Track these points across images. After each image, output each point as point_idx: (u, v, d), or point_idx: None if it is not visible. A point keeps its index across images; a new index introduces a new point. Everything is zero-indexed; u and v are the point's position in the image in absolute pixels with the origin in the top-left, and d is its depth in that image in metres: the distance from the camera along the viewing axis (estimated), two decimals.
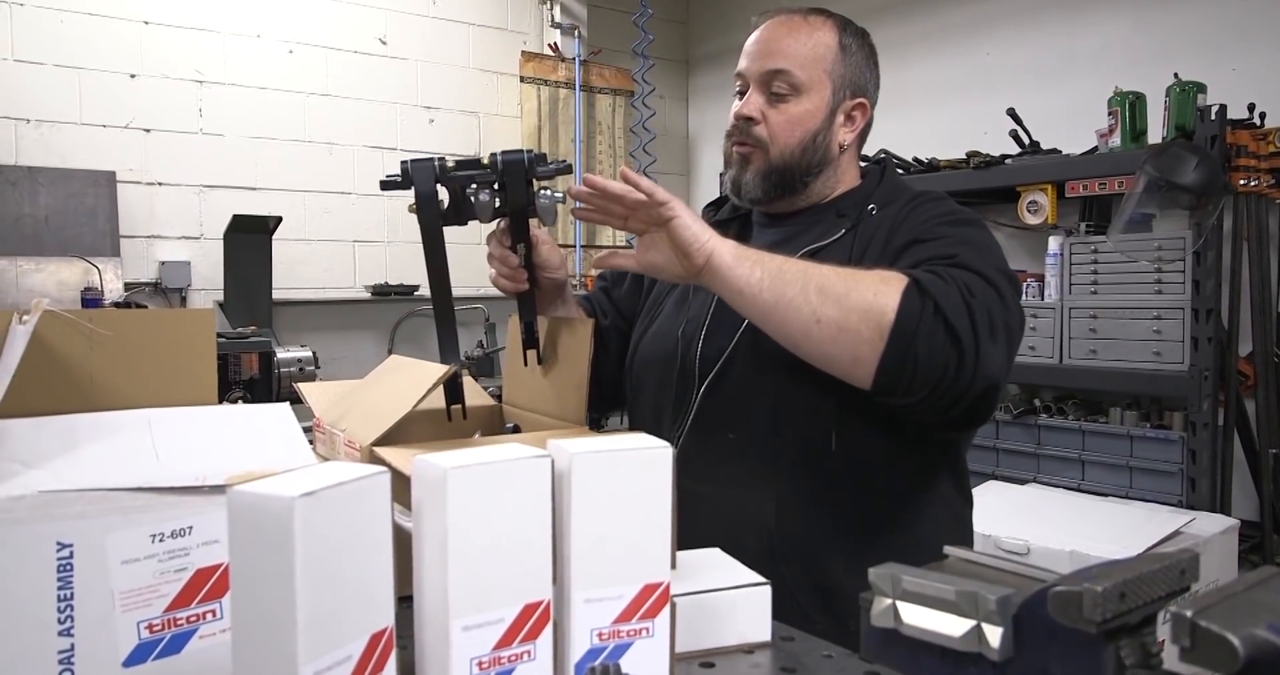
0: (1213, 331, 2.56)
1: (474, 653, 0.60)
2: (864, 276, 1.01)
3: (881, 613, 0.65)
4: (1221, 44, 2.96)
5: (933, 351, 0.97)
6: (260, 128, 3.82)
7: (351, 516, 0.54)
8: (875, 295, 0.98)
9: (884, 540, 1.13)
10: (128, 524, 0.63)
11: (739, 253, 1.04)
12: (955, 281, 1.01)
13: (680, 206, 1.04)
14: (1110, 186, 2.79)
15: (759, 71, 1.22)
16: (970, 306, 0.99)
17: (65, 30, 3.41)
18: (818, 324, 0.99)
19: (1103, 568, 0.57)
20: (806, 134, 1.22)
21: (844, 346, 0.99)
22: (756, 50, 1.23)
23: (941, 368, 0.97)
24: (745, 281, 1.02)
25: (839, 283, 1.00)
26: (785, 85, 1.20)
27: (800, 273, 1.01)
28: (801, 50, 1.21)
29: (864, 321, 0.98)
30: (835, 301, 0.99)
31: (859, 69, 1.25)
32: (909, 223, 1.17)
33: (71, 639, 0.61)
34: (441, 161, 1.07)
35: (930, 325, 0.97)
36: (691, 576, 0.81)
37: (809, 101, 1.21)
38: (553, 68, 4.51)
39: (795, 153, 1.22)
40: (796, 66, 1.20)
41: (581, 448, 0.64)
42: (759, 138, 1.22)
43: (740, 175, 1.24)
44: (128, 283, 3.44)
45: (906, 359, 0.97)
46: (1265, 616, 0.48)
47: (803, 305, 0.99)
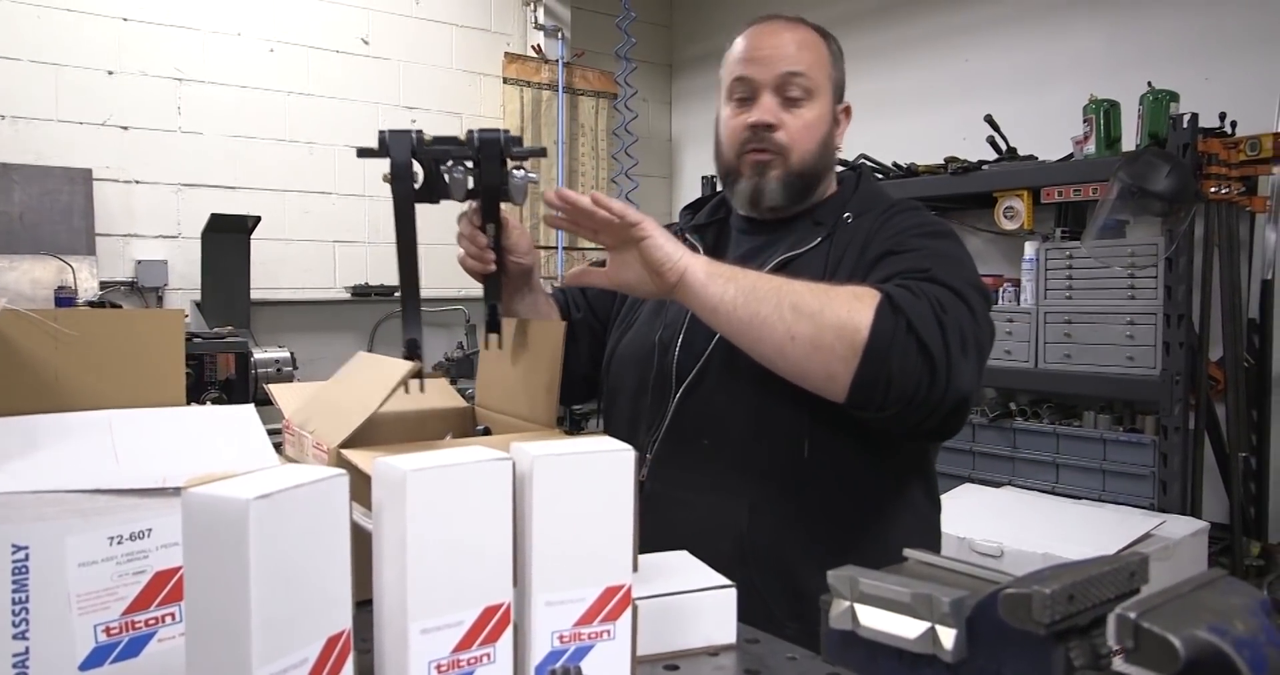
0: (1184, 336, 2.59)
1: (433, 655, 0.60)
2: (837, 293, 1.01)
3: (840, 615, 0.66)
4: (1194, 54, 3.00)
5: (906, 368, 0.98)
6: (240, 126, 3.79)
7: (308, 519, 0.54)
8: (849, 312, 0.99)
9: (855, 546, 1.14)
10: (86, 526, 0.63)
11: (712, 270, 1.04)
12: (928, 297, 1.01)
13: (652, 226, 1.04)
14: (1085, 193, 2.82)
15: (773, 76, 1.21)
16: (942, 323, 0.99)
17: (42, 26, 3.38)
18: (792, 341, 0.99)
19: (1054, 570, 0.57)
20: (820, 138, 1.23)
21: (818, 363, 1.00)
22: (764, 55, 1.22)
23: (914, 383, 0.98)
24: (719, 299, 1.02)
25: (813, 300, 1.00)
26: (800, 89, 1.20)
27: (774, 290, 1.01)
28: (809, 54, 1.22)
29: (838, 338, 0.98)
30: (809, 318, 0.99)
31: (842, 73, 1.28)
32: (883, 233, 1.18)
33: (26, 642, 0.61)
34: (419, 134, 1.07)
35: (903, 342, 0.97)
36: (657, 579, 0.82)
37: (819, 105, 1.22)
38: (535, 69, 4.51)
39: (814, 157, 1.22)
40: (808, 69, 1.21)
41: (544, 451, 0.64)
42: (780, 144, 1.21)
43: (761, 183, 1.22)
44: (103, 281, 3.41)
45: (880, 375, 0.98)
46: (1207, 618, 0.49)
47: (777, 322, 0.99)
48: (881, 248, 1.15)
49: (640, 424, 1.25)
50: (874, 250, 1.15)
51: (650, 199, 4.89)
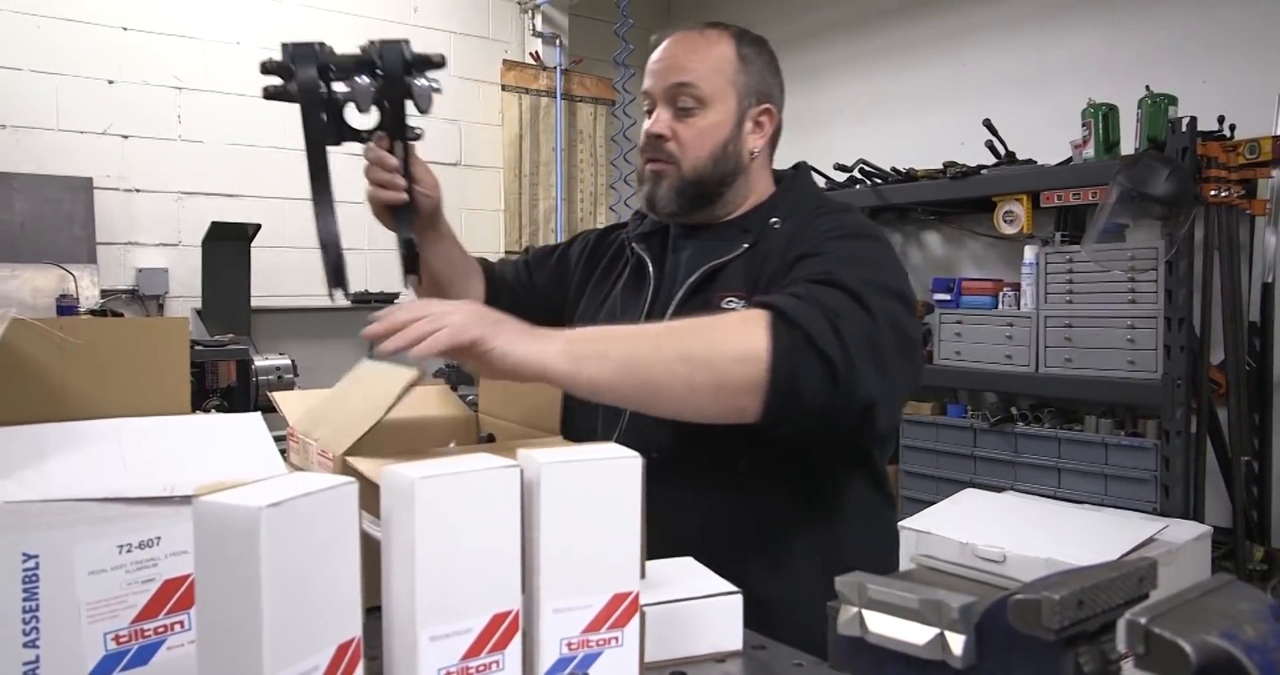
0: (1185, 340, 2.59)
1: (442, 663, 0.60)
2: (724, 326, 0.97)
3: (848, 621, 0.66)
4: (1193, 57, 3.00)
5: (812, 382, 0.95)
6: (239, 134, 3.80)
7: (318, 527, 0.54)
8: (742, 342, 0.94)
9: (809, 550, 1.15)
10: (95, 535, 0.63)
11: (576, 351, 0.92)
12: (819, 304, 0.98)
13: (485, 336, 0.90)
14: (1084, 197, 2.82)
15: (663, 88, 1.23)
16: (837, 328, 0.96)
17: (43, 36, 3.38)
18: (694, 393, 0.94)
19: (1062, 576, 0.58)
20: (716, 145, 1.23)
21: (725, 403, 0.96)
22: (658, 68, 1.25)
23: (822, 396, 0.96)
24: (596, 381, 0.93)
25: (701, 344, 0.95)
26: (690, 99, 1.22)
27: (655, 348, 0.94)
28: (701, 63, 1.22)
29: (740, 373, 0.94)
30: (704, 365, 0.94)
31: (760, 76, 1.27)
32: (802, 237, 1.17)
33: (37, 650, 0.61)
34: (323, 45, 1.06)
35: (805, 356, 0.95)
36: (663, 585, 0.82)
37: (715, 113, 1.22)
38: (534, 76, 4.52)
39: (707, 165, 1.23)
40: (698, 79, 1.21)
41: (551, 458, 0.64)
42: (670, 153, 1.23)
43: (654, 191, 1.25)
44: (104, 290, 3.41)
45: (790, 395, 0.95)
46: (1218, 623, 0.49)
47: (671, 381, 0.93)
48: (797, 250, 1.14)
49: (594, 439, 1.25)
50: (791, 254, 1.14)
51: None
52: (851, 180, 3.55)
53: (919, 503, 3.02)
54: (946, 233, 3.74)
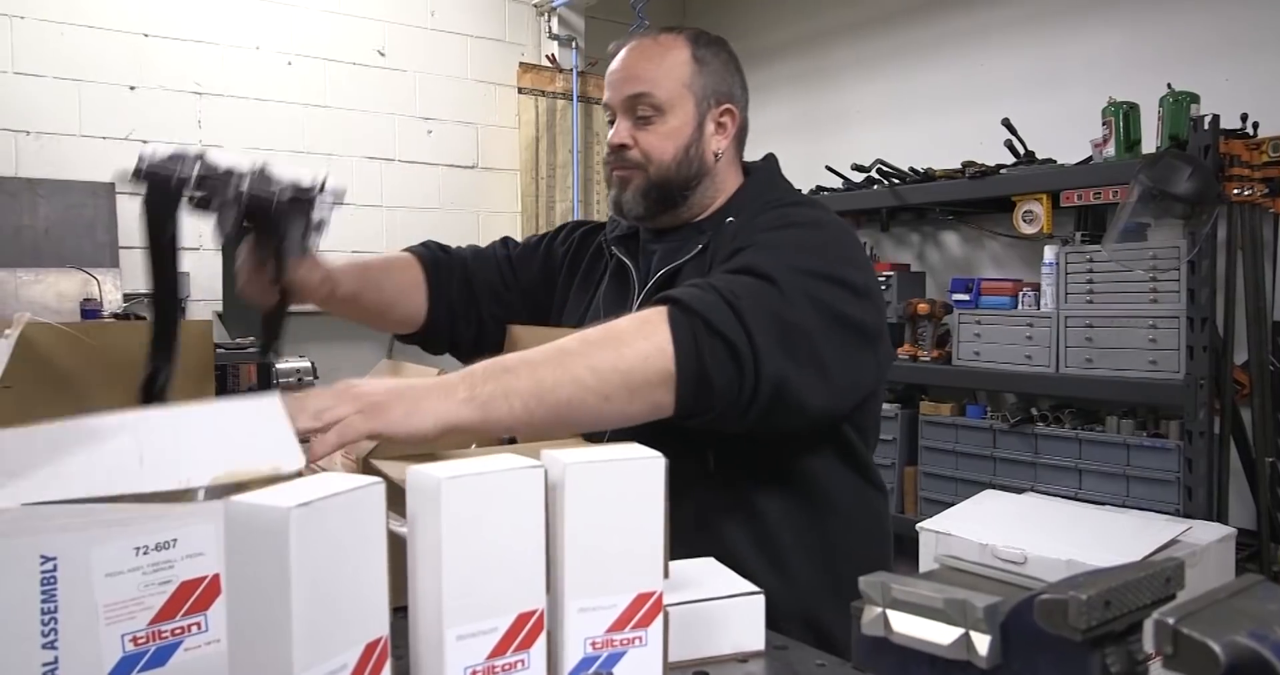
0: (1208, 340, 2.57)
1: (468, 661, 0.60)
2: (624, 328, 0.96)
3: (872, 621, 0.66)
4: (1214, 54, 2.98)
5: (717, 364, 0.94)
6: (259, 139, 3.83)
7: (346, 527, 0.55)
8: (645, 340, 0.93)
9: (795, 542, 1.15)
10: (111, 536, 0.63)
11: (479, 396, 0.89)
12: (717, 291, 0.97)
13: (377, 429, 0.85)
14: (1105, 196, 2.81)
15: (621, 98, 1.24)
16: (737, 309, 0.95)
17: (65, 42, 3.43)
18: (607, 401, 0.93)
19: (1089, 576, 0.57)
20: (679, 148, 1.23)
21: (640, 402, 0.95)
22: (615, 79, 1.25)
23: (728, 379, 0.95)
24: (508, 422, 0.91)
25: (603, 351, 0.93)
26: (648, 107, 1.22)
27: (558, 368, 0.92)
28: (656, 71, 1.23)
29: (649, 371, 0.93)
30: (611, 370, 0.92)
31: (719, 76, 1.26)
32: (745, 231, 1.17)
33: (55, 652, 0.62)
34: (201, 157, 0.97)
35: (706, 339, 0.94)
36: (685, 586, 0.82)
37: (674, 118, 1.23)
38: (550, 79, 4.53)
39: (671, 168, 1.23)
40: (655, 88, 1.22)
41: (575, 458, 0.64)
42: (635, 161, 1.24)
43: (620, 195, 1.26)
44: (127, 294, 3.45)
45: (700, 381, 0.94)
46: (1247, 623, 0.49)
47: (583, 396, 0.91)
48: (733, 244, 1.14)
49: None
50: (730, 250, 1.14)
51: None
52: (869, 180, 3.54)
53: (938, 504, 3.01)
54: (965, 233, 3.72)
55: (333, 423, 0.83)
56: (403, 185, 4.20)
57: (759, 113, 4.90)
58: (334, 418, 0.83)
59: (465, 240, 4.17)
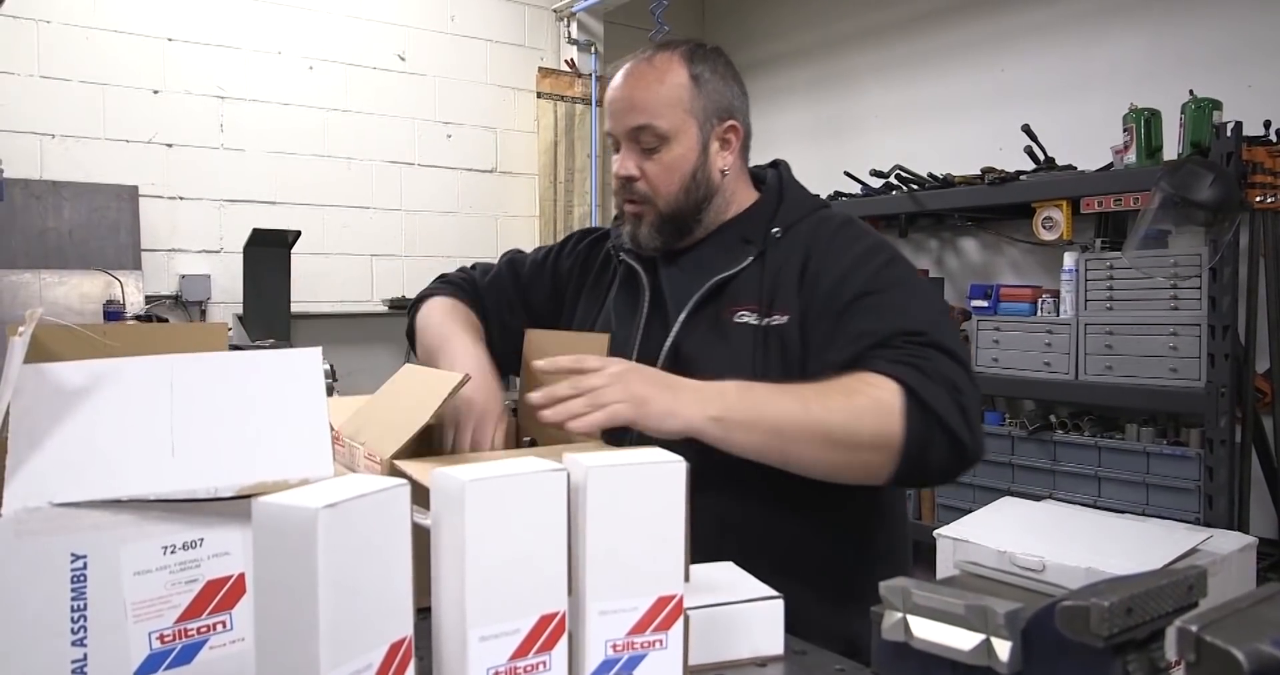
0: (1229, 348, 2.55)
1: (491, 662, 0.61)
2: (863, 407, 1.01)
3: (892, 626, 0.66)
4: (1237, 61, 2.96)
5: (940, 460, 1.03)
6: (280, 143, 3.87)
7: (373, 528, 0.56)
8: (880, 428, 1.01)
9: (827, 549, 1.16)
10: (140, 536, 0.64)
11: (728, 421, 0.99)
12: (943, 381, 1.03)
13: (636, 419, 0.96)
14: (1126, 203, 2.79)
15: (624, 130, 1.22)
16: (963, 407, 1.03)
17: (90, 47, 3.47)
18: (829, 466, 1.04)
19: (1111, 583, 0.57)
20: (685, 176, 1.22)
21: (857, 474, 1.05)
22: (615, 109, 1.24)
23: (947, 469, 1.06)
24: (742, 447, 1.01)
25: (840, 427, 1.01)
26: (652, 138, 1.21)
27: (798, 427, 1.00)
28: (656, 99, 1.21)
29: (875, 453, 1.02)
30: (843, 445, 1.01)
31: (718, 93, 1.25)
32: (834, 259, 1.17)
33: (85, 649, 0.63)
34: None
35: (936, 439, 1.02)
36: (705, 590, 0.82)
37: (679, 145, 1.21)
38: (569, 83, 4.55)
39: (680, 197, 1.23)
40: (656, 118, 1.20)
41: (597, 462, 0.65)
42: (643, 194, 1.23)
43: (636, 230, 1.26)
44: (149, 296, 3.48)
45: (917, 470, 1.04)
46: (1270, 631, 0.49)
47: (810, 454, 1.02)
48: (852, 287, 1.14)
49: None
50: (830, 282, 1.15)
51: None
52: (888, 186, 3.54)
53: (956, 511, 2.99)
54: (984, 239, 3.70)
55: (603, 404, 0.95)
56: (422, 189, 4.23)
57: (777, 117, 4.90)
58: (606, 400, 0.95)
59: (484, 243, 4.21)
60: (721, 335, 1.19)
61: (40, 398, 0.66)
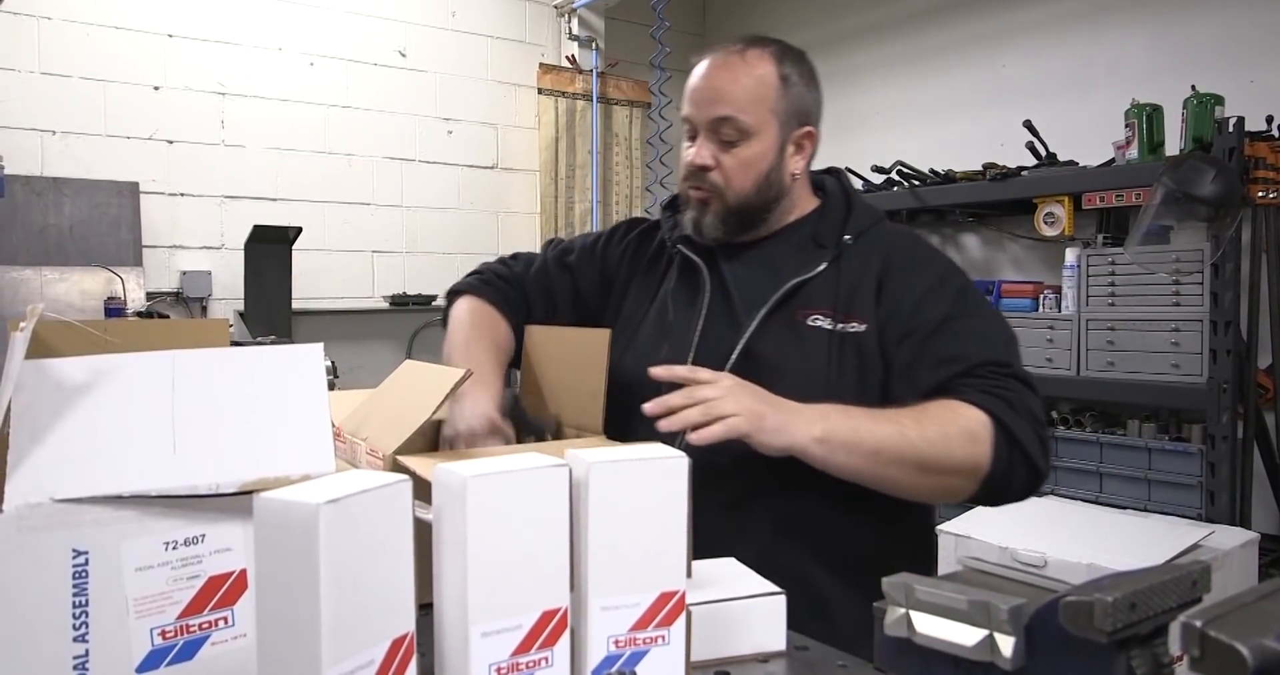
0: (1231, 344, 2.54)
1: (493, 658, 0.61)
2: (954, 436, 1.06)
3: (895, 622, 0.66)
4: (1239, 56, 2.95)
5: (1019, 486, 1.11)
6: (281, 139, 3.86)
7: (374, 524, 0.55)
8: (969, 457, 1.07)
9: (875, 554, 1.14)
10: (142, 531, 0.64)
11: (832, 441, 1.04)
12: (1026, 413, 1.09)
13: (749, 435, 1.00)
14: (1127, 198, 2.78)
15: (706, 119, 1.21)
16: (1041, 437, 1.10)
17: (91, 43, 3.46)
18: (914, 489, 1.10)
19: (1114, 578, 0.57)
20: (759, 174, 1.22)
21: (940, 496, 1.17)
22: (700, 97, 1.22)
23: (1023, 492, 1.13)
24: (841, 467, 1.06)
25: (933, 454, 1.06)
26: (733, 131, 1.20)
27: (895, 452, 1.05)
28: (744, 93, 1.20)
29: (961, 480, 1.09)
30: (934, 471, 1.07)
31: (801, 97, 1.25)
32: (913, 278, 1.19)
33: (86, 645, 0.63)
34: None
35: (1018, 468, 1.08)
36: (707, 586, 0.82)
37: (759, 143, 1.21)
38: (570, 80, 4.54)
39: (750, 194, 1.23)
40: (741, 112, 1.19)
41: (599, 457, 0.65)
42: (714, 185, 1.22)
43: (700, 217, 1.25)
44: (150, 292, 3.48)
45: (996, 494, 1.11)
46: (1275, 627, 0.49)
47: (903, 480, 1.08)
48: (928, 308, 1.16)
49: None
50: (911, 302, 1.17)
51: None
52: (889, 182, 3.53)
53: (957, 506, 2.99)
54: (986, 235, 3.70)
55: (720, 416, 0.98)
56: (423, 185, 4.22)
57: None
58: (721, 412, 0.99)
59: (485, 240, 4.22)
60: (796, 338, 1.19)
61: (41, 394, 0.66)
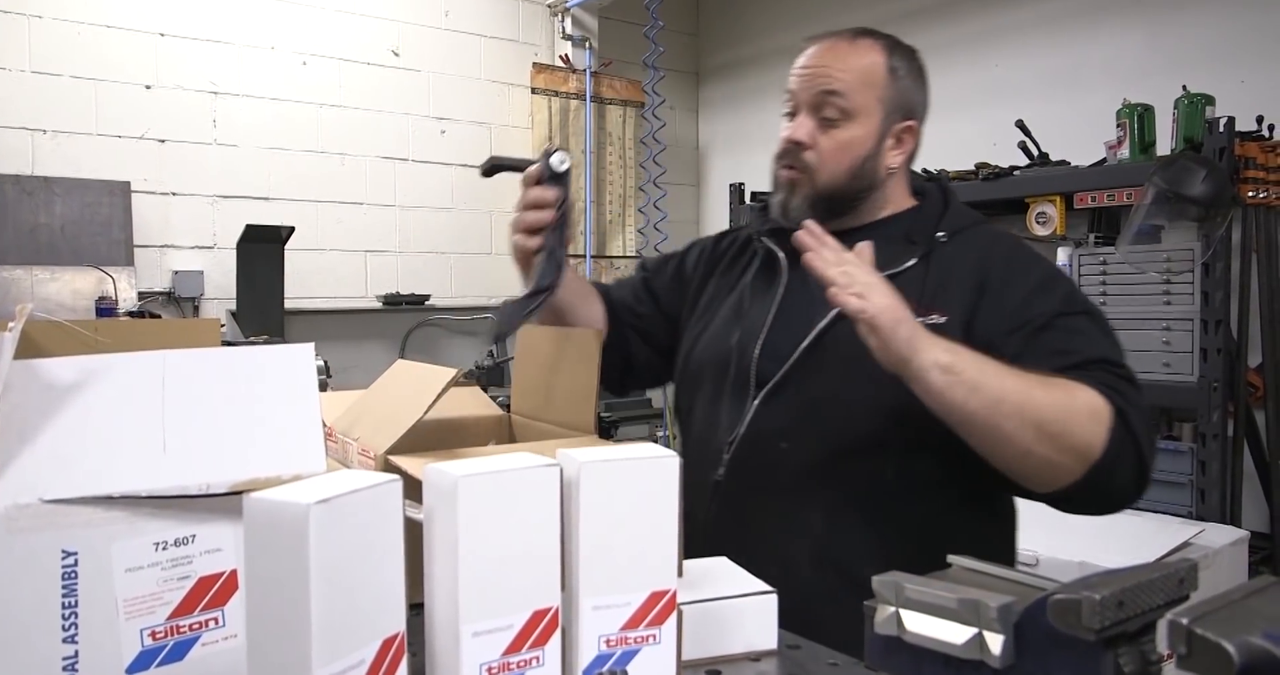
0: (1222, 343, 2.55)
1: (484, 658, 0.61)
2: (1078, 410, 1.02)
3: (885, 620, 0.66)
4: (1230, 56, 2.96)
5: (1122, 485, 1.05)
6: (273, 138, 3.85)
7: (365, 523, 0.55)
8: (1087, 434, 1.01)
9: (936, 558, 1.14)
10: (132, 532, 0.64)
11: (949, 378, 0.99)
12: (1141, 410, 1.05)
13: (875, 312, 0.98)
14: (1119, 198, 2.79)
15: (810, 95, 1.21)
16: (1152, 442, 1.05)
17: (82, 42, 3.45)
18: (1026, 456, 1.02)
19: (1102, 576, 0.58)
20: (855, 160, 1.21)
21: (1045, 474, 1.04)
22: (807, 73, 1.22)
23: (1123, 497, 1.08)
24: (958, 408, 1.01)
25: (1055, 419, 1.01)
26: (836, 110, 1.20)
27: (1017, 405, 1.00)
28: (852, 74, 1.20)
29: (1072, 459, 1.02)
30: (1051, 439, 1.01)
31: (908, 90, 1.25)
32: (1019, 274, 1.16)
33: (75, 646, 0.62)
34: None
35: (1128, 464, 1.03)
36: (698, 585, 0.82)
37: (859, 127, 1.20)
38: (564, 79, 4.54)
39: (843, 178, 1.21)
40: (848, 91, 1.19)
41: (590, 457, 0.65)
42: (807, 163, 1.21)
43: (788, 199, 1.24)
44: (141, 292, 3.47)
45: (1099, 490, 1.04)
46: (1261, 624, 0.49)
47: (1018, 439, 1.01)
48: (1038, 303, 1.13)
49: (719, 424, 1.24)
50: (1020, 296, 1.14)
51: (678, 207, 4.90)
52: None
53: None
54: None
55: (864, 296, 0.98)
56: (416, 185, 4.22)
57: (771, 113, 4.89)
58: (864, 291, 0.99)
59: (478, 239, 4.24)
60: None
61: (30, 394, 0.66)
